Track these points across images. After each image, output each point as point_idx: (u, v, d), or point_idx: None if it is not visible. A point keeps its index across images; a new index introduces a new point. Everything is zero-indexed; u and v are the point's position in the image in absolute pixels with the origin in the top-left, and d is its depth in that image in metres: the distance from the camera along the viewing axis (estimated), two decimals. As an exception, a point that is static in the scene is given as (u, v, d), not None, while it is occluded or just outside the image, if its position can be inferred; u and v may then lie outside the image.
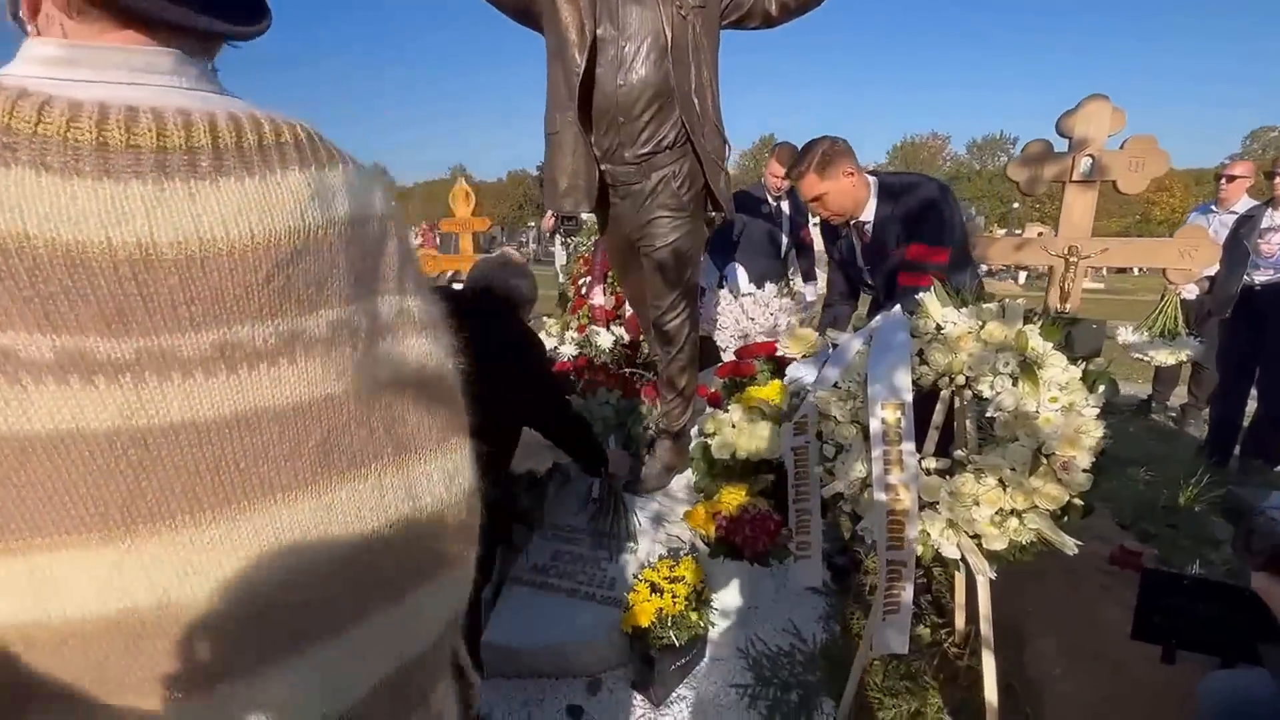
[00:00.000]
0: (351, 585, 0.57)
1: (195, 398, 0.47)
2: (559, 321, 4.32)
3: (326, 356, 0.54)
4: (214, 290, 0.47)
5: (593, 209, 1.98)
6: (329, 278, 0.54)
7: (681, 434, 2.28)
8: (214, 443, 0.48)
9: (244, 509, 0.51)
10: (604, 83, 1.79)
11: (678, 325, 2.08)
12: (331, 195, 0.54)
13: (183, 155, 0.46)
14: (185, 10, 0.52)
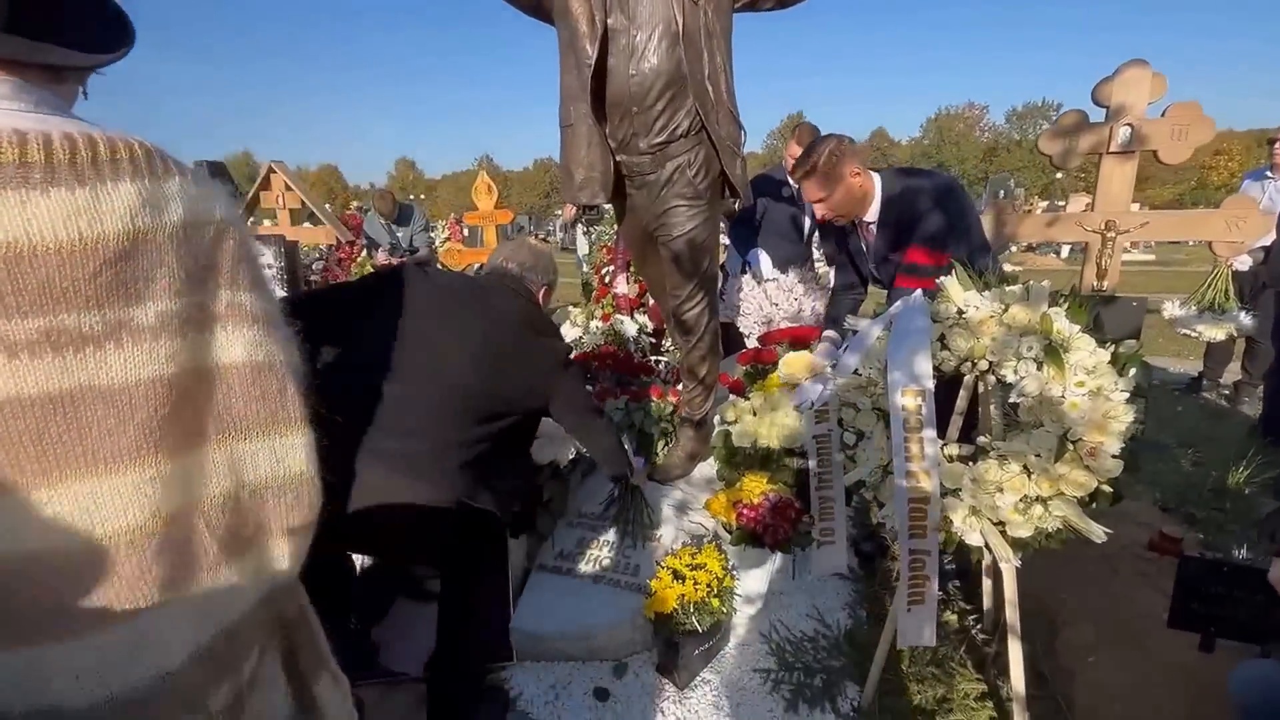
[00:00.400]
0: (172, 553, 0.63)
1: (20, 376, 0.54)
2: (583, 311, 4.34)
3: (154, 343, 0.61)
4: (41, 283, 0.54)
5: (609, 200, 1.98)
6: (158, 274, 0.61)
7: (704, 422, 2.29)
8: (37, 417, 0.55)
9: (65, 478, 0.58)
10: (616, 73, 1.78)
11: (696, 314, 2.07)
12: (164, 203, 0.62)
13: (16, 169, 0.53)
14: (16, 44, 0.60)
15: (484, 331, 1.46)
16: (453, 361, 1.40)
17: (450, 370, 1.38)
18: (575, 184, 1.93)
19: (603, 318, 3.95)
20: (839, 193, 1.91)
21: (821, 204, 1.95)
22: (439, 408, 1.34)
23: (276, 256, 4.32)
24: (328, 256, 6.02)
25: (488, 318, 1.49)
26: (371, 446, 1.26)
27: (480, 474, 1.35)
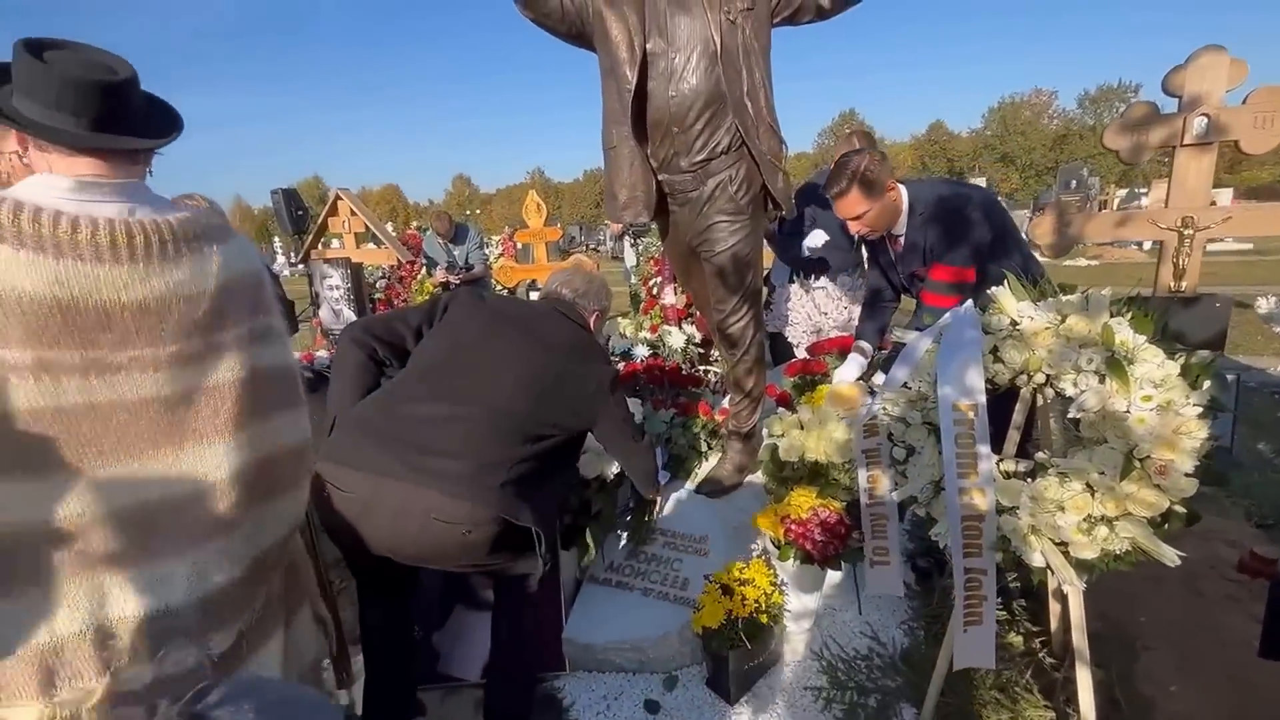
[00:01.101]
0: (240, 495, 1.02)
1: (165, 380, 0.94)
2: (632, 322, 4.40)
3: (232, 355, 1.00)
4: (178, 321, 0.94)
5: (652, 218, 2.02)
6: (231, 309, 1.00)
7: (751, 434, 2.29)
8: (171, 407, 0.94)
9: (184, 446, 0.96)
10: (656, 95, 1.82)
11: (741, 327, 2.08)
12: (233, 259, 1.01)
13: (159, 248, 0.92)
14: (112, 136, 0.93)
15: (534, 356, 1.52)
16: (502, 384, 1.46)
17: (498, 393, 1.45)
18: (619, 204, 1.98)
19: (650, 329, 3.99)
20: (877, 208, 1.88)
21: (858, 221, 1.90)
22: (485, 429, 1.40)
23: (344, 278, 4.59)
24: (390, 275, 6.34)
25: (539, 343, 1.55)
26: (417, 465, 1.33)
27: (523, 491, 1.40)
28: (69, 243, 0.85)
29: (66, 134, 0.90)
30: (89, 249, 0.86)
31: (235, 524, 1.01)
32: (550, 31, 1.85)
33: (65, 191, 0.90)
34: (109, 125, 0.93)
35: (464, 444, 1.38)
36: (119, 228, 0.89)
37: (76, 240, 0.85)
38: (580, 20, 1.82)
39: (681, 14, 1.77)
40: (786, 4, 1.81)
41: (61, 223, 0.85)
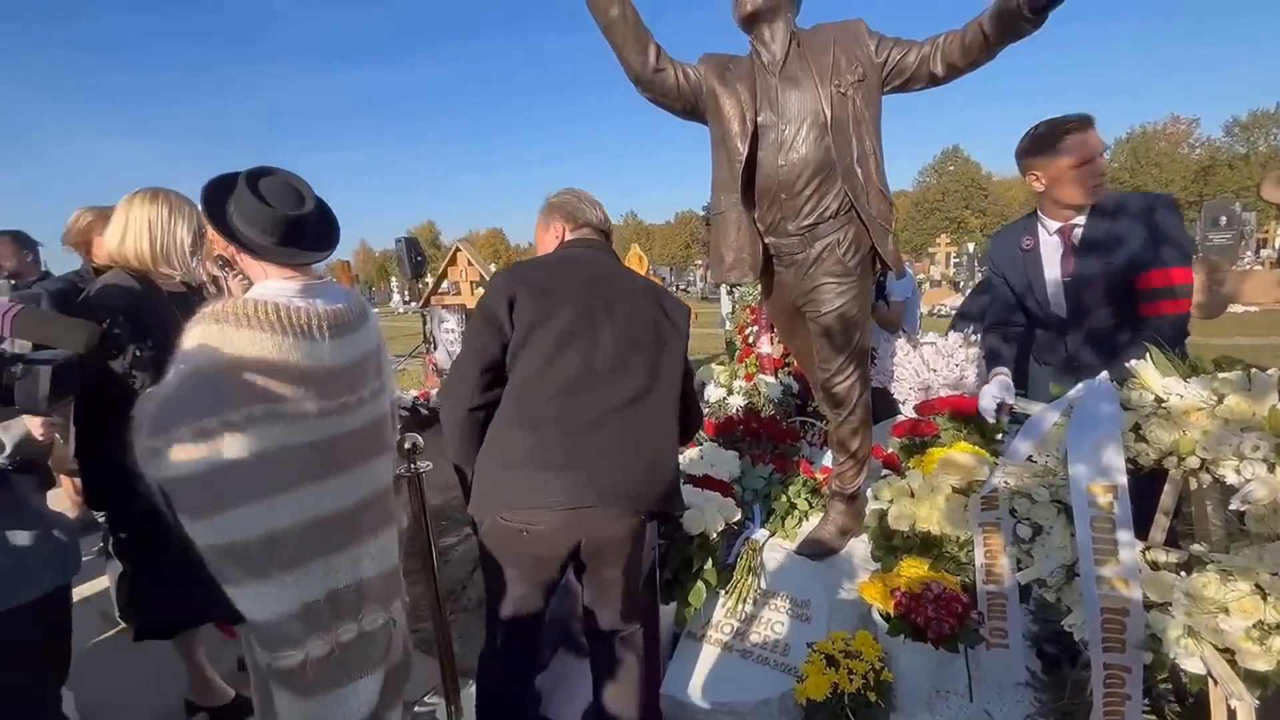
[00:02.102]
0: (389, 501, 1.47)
1: (360, 415, 1.37)
2: (726, 370, 4.42)
3: (383, 396, 1.45)
4: (361, 372, 1.37)
5: (758, 278, 2.07)
6: (376, 362, 1.42)
7: (856, 496, 2.22)
8: (362, 435, 1.38)
9: (367, 463, 1.39)
10: (766, 164, 1.90)
11: (847, 387, 2.06)
12: (373, 327, 1.44)
13: (350, 325, 1.34)
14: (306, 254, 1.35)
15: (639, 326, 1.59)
16: (633, 371, 1.56)
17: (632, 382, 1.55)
18: (725, 265, 2.05)
19: (746, 378, 4.00)
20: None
21: (1097, 162, 1.89)
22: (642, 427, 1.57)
23: (459, 322, 5.00)
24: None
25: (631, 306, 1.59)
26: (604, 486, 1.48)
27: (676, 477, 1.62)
28: (305, 326, 1.25)
29: (275, 251, 1.32)
30: (315, 330, 1.26)
31: (392, 520, 1.48)
32: (666, 108, 1.99)
33: (291, 293, 1.29)
34: (299, 243, 1.35)
35: (636, 451, 1.49)
36: (326, 315, 1.29)
37: (309, 324, 1.25)
38: (694, 97, 1.95)
39: (792, 89, 1.85)
40: (898, 73, 1.84)
41: (299, 313, 1.25)
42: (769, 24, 1.89)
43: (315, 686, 1.34)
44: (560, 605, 1.95)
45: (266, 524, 1.25)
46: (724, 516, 2.06)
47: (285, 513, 1.26)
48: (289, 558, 1.27)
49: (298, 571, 1.28)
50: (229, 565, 1.24)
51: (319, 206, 1.42)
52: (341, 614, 1.36)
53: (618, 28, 1.83)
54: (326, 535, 1.32)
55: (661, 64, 1.89)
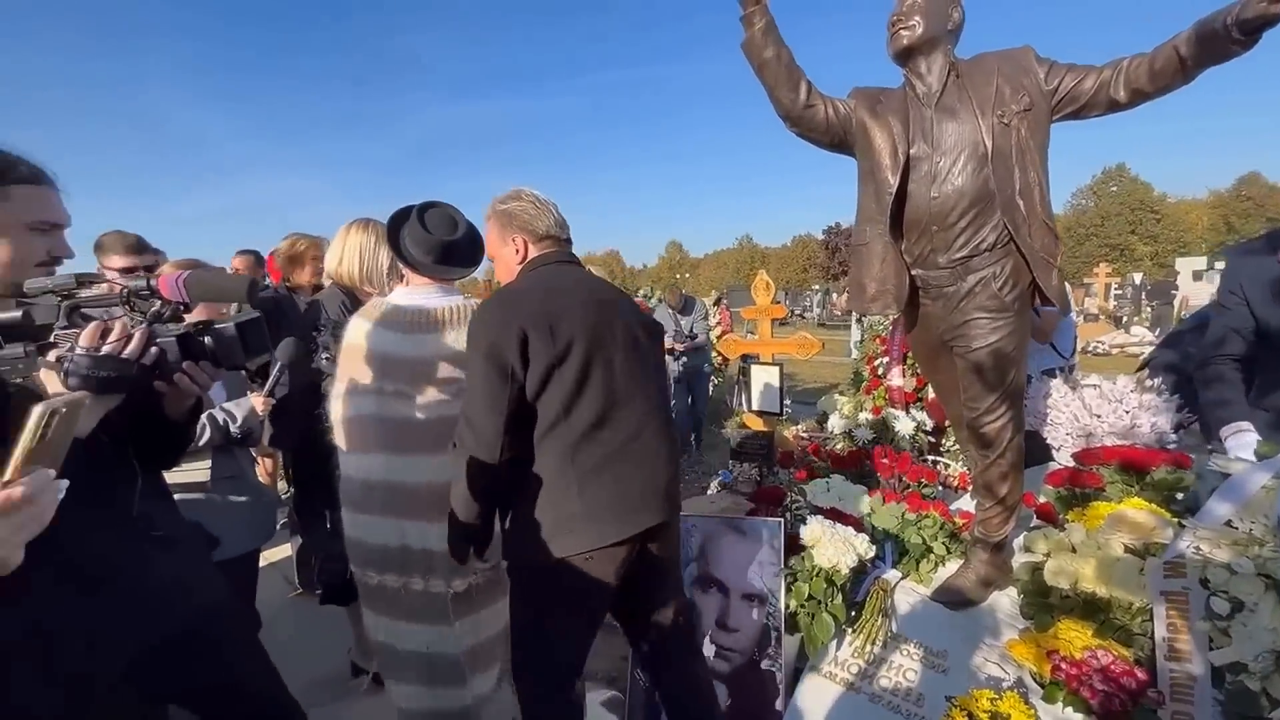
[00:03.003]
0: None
1: (429, 410, 1.78)
2: (851, 401, 4.28)
3: (456, 400, 1.70)
4: (428, 369, 1.77)
5: (901, 311, 2.03)
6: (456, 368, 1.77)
7: (1002, 546, 2.07)
8: (430, 428, 1.76)
9: (429, 456, 1.75)
10: (916, 196, 1.87)
11: (998, 428, 1.94)
12: (460, 333, 1.79)
13: (454, 323, 1.80)
14: (446, 269, 1.84)
15: (634, 337, 1.66)
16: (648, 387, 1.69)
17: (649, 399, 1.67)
18: (867, 295, 2.02)
19: (873, 410, 3.84)
20: None
21: None
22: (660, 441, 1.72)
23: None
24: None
25: (620, 318, 1.63)
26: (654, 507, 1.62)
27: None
28: (398, 322, 1.78)
29: (431, 268, 1.82)
30: (425, 326, 1.77)
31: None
32: (814, 142, 2.03)
33: (422, 296, 1.82)
34: (448, 262, 1.84)
35: (668, 459, 1.64)
36: (413, 313, 1.79)
37: (418, 321, 1.77)
38: (843, 131, 1.97)
39: (949, 120, 1.82)
40: (1070, 100, 1.75)
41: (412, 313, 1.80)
42: (925, 57, 1.87)
43: (385, 609, 1.88)
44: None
45: (362, 473, 1.82)
46: (857, 551, 2.01)
47: (371, 468, 1.79)
48: (374, 505, 1.81)
49: (378, 518, 1.81)
50: (344, 494, 1.88)
51: (469, 232, 1.88)
52: (410, 568, 1.81)
53: (771, 68, 1.90)
54: (399, 500, 1.77)
55: (812, 100, 1.93)
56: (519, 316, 1.45)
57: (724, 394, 7.94)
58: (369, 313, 1.85)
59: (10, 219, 1.00)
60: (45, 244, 1.04)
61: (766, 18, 1.87)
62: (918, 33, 1.84)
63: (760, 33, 1.87)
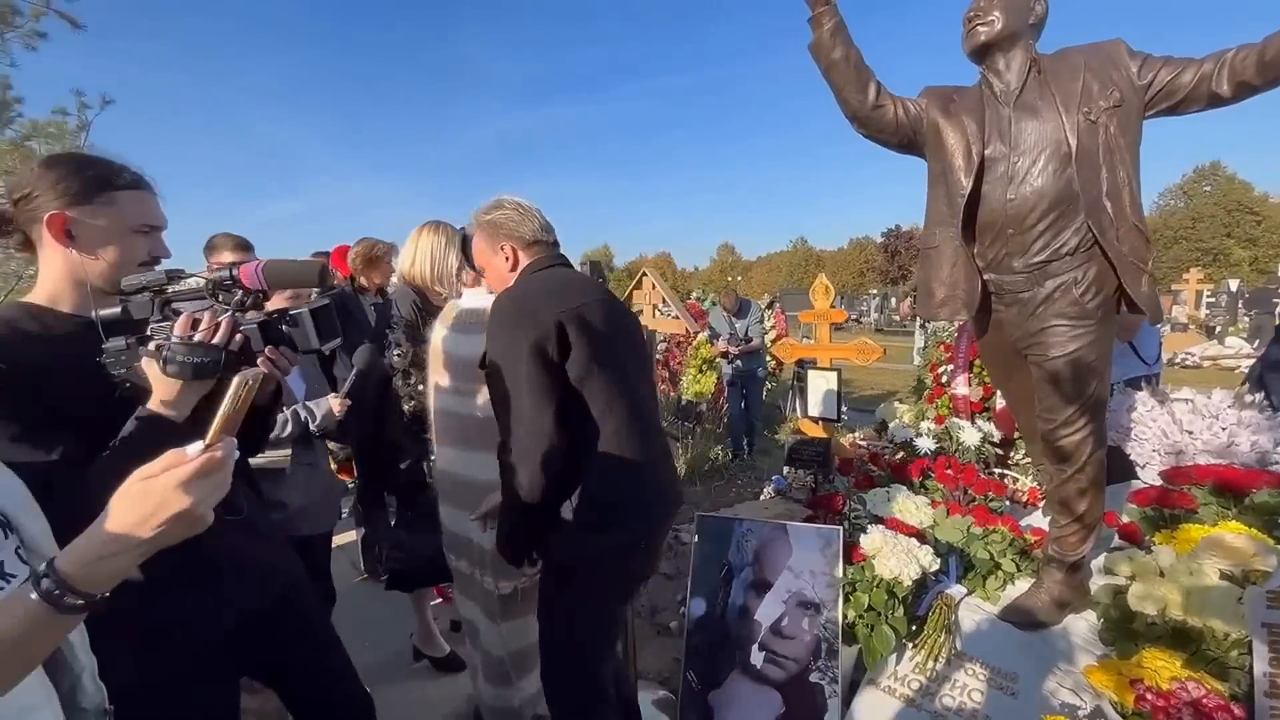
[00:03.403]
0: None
1: (481, 408, 1.80)
2: (912, 409, 4.14)
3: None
4: (471, 369, 1.73)
5: (972, 317, 1.96)
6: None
7: (1079, 567, 1.96)
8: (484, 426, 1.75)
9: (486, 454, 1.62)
10: (991, 198, 1.80)
11: (1077, 442, 1.84)
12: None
13: (475, 325, 1.86)
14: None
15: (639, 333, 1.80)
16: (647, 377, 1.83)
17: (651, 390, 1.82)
18: (935, 301, 1.96)
19: (936, 420, 3.71)
20: None
21: None
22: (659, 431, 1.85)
23: (639, 342, 5.34)
24: (668, 340, 7.08)
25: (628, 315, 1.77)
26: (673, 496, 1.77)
27: None
28: (470, 323, 1.89)
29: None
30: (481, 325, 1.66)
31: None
32: (882, 144, 1.98)
33: (485, 297, 1.82)
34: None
35: (668, 452, 1.76)
36: (463, 312, 1.95)
37: (475, 321, 1.84)
38: (913, 132, 1.92)
39: (1029, 118, 1.74)
40: (1166, 95, 1.64)
41: (451, 310, 1.99)
42: (1004, 53, 1.80)
43: (465, 593, 2.04)
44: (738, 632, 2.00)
45: (441, 463, 1.98)
46: (920, 563, 1.95)
47: (444, 460, 1.96)
48: (447, 494, 1.98)
49: (451, 508, 1.96)
50: (435, 480, 2.09)
51: None
52: (471, 559, 1.95)
53: (839, 69, 1.87)
54: (462, 493, 1.89)
55: (881, 100, 1.89)
56: (552, 311, 1.45)
57: (778, 399, 7.83)
58: (444, 316, 2.01)
59: (117, 223, 1.10)
60: (146, 245, 1.14)
61: (835, 18, 1.84)
62: (996, 28, 1.77)
63: (829, 33, 1.85)
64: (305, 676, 1.41)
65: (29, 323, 1.05)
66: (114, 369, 1.02)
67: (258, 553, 1.32)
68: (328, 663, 1.45)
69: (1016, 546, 2.21)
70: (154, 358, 0.99)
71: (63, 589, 0.60)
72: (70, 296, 1.09)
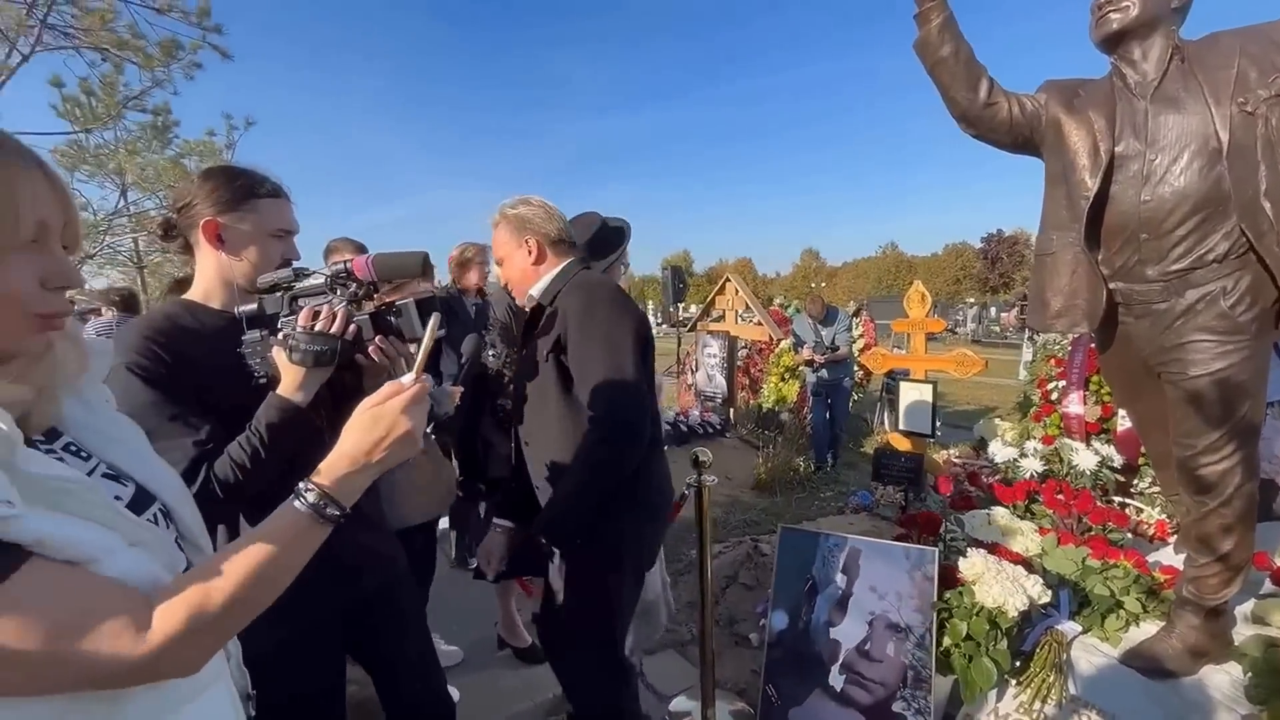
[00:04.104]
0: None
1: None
2: (1016, 427, 3.84)
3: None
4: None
5: (1094, 330, 1.79)
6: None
7: (1221, 612, 1.74)
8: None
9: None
10: (1121, 200, 1.64)
11: (1221, 471, 1.64)
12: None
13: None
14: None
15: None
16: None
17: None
18: (1049, 312, 1.82)
19: (1044, 440, 3.42)
20: None
21: None
22: None
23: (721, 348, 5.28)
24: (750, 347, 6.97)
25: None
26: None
27: None
28: None
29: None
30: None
31: None
32: (993, 143, 1.86)
33: None
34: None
35: None
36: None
37: None
38: (1029, 130, 1.79)
39: (1170, 112, 1.58)
40: (1347, 80, 1.44)
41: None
42: (1141, 41, 1.64)
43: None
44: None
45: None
46: (1027, 594, 1.81)
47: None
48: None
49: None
50: None
51: (601, 231, 2.16)
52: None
53: (947, 66, 1.78)
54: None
55: (994, 98, 1.78)
56: (631, 302, 1.67)
57: (864, 410, 7.51)
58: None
59: (258, 228, 1.22)
60: (281, 248, 1.26)
61: (945, 13, 1.76)
62: (1132, 14, 1.62)
63: (937, 30, 1.76)
64: (394, 667, 1.46)
65: (186, 318, 1.19)
66: (250, 359, 1.14)
67: (367, 540, 1.38)
68: (416, 657, 1.49)
69: (1143, 585, 2.00)
70: (282, 347, 1.10)
71: (326, 500, 0.70)
72: (220, 294, 1.23)
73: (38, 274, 0.57)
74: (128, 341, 1.09)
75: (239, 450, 1.08)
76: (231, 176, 1.23)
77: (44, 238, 0.58)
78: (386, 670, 1.46)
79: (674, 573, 3.41)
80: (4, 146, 0.57)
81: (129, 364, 1.06)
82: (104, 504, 0.60)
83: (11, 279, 0.55)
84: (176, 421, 1.07)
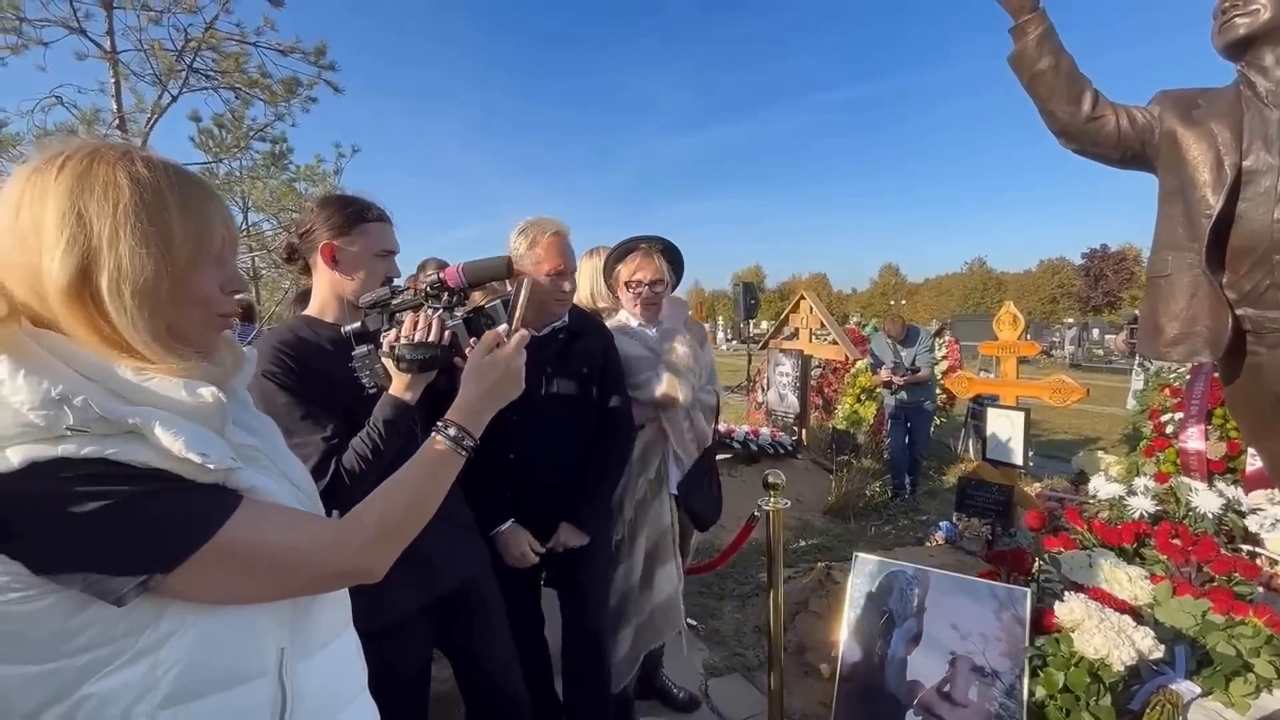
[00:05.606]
0: None
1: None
2: (1123, 462, 3.52)
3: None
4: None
5: (1217, 359, 1.64)
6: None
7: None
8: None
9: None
10: (1251, 218, 1.50)
11: (1375, 524, 1.45)
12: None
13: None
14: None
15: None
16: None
17: None
18: (1164, 339, 1.68)
19: (1157, 477, 3.12)
20: None
21: None
22: None
23: (794, 366, 5.17)
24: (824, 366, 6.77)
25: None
26: None
27: None
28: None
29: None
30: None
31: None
32: (1097, 158, 1.76)
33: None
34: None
35: None
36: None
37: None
38: (1140, 144, 1.67)
39: (1308, 122, 1.44)
40: None
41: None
42: (1272, 46, 1.51)
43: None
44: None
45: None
46: (1136, 647, 1.65)
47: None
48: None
49: None
50: None
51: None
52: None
53: (1045, 80, 1.70)
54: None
55: (1099, 111, 1.68)
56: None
57: (947, 436, 7.10)
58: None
59: (366, 249, 1.35)
60: (385, 267, 1.38)
61: (1043, 25, 1.68)
62: (1262, 18, 1.49)
63: (1034, 43, 1.69)
64: (476, 661, 1.52)
65: (307, 331, 1.34)
66: (360, 372, 1.25)
67: (452, 539, 1.46)
68: (497, 654, 1.55)
69: (1276, 645, 1.78)
70: (390, 356, 1.22)
71: (463, 434, 0.84)
72: (334, 309, 1.37)
73: (220, 281, 0.70)
74: (262, 353, 1.23)
75: (361, 444, 1.22)
76: (344, 204, 1.36)
77: (223, 252, 0.71)
78: (468, 662, 1.53)
79: (741, 595, 3.35)
80: (199, 180, 0.71)
81: (264, 372, 1.21)
82: (277, 471, 0.75)
83: (206, 285, 0.68)
84: (307, 420, 1.23)
